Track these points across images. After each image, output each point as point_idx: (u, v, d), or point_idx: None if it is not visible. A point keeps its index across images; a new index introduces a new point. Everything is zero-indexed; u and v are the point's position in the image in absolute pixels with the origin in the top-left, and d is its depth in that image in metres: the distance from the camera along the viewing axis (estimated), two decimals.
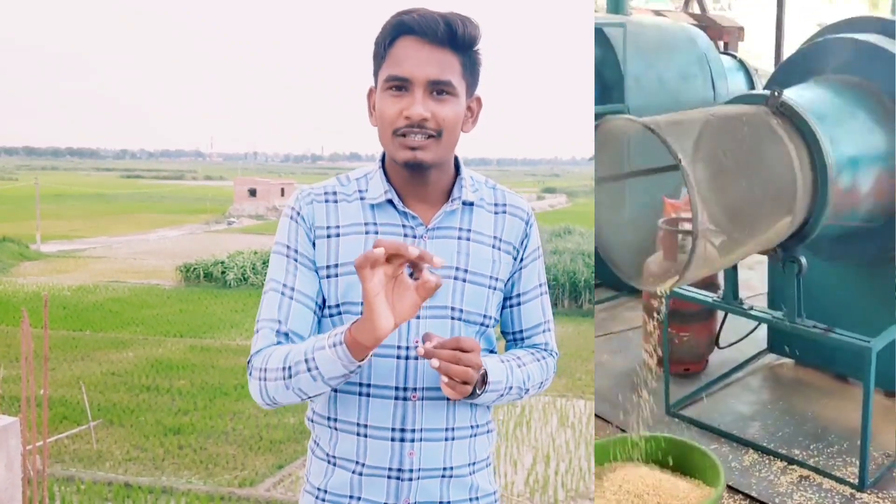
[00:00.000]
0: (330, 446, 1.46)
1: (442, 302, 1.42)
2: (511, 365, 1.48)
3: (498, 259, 1.48)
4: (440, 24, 1.37)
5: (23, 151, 65.85)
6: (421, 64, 1.37)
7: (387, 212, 1.45)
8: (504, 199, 1.52)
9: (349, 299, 1.42)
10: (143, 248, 31.10)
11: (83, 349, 15.52)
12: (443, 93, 1.39)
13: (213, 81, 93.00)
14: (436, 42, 1.38)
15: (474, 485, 1.49)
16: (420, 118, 1.37)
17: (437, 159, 1.41)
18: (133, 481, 9.21)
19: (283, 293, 1.42)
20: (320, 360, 1.30)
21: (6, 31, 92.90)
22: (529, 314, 1.55)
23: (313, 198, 1.47)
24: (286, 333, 1.41)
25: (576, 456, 10.13)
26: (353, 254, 1.41)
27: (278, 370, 1.35)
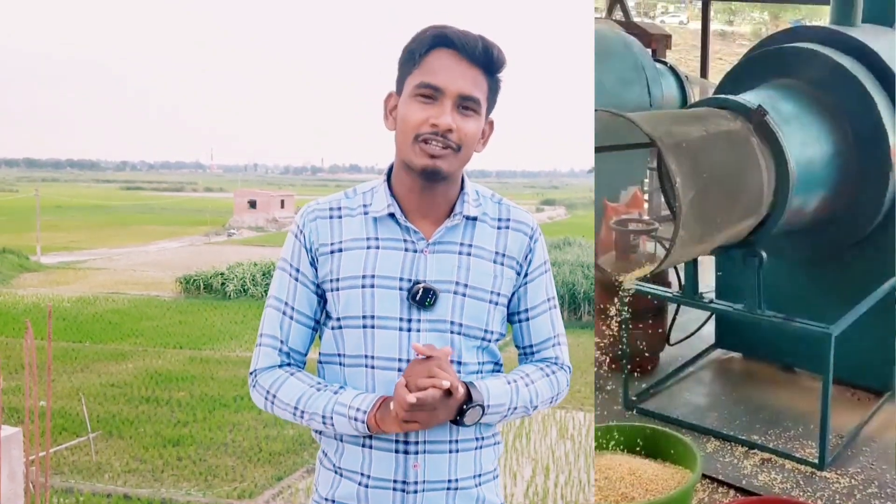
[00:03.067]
0: (336, 458, 1.49)
1: (441, 316, 1.44)
2: (517, 385, 1.49)
3: (500, 274, 1.50)
4: (479, 43, 1.43)
5: (23, 163, 66.00)
6: (455, 77, 1.42)
7: (388, 226, 1.47)
8: (508, 214, 1.54)
9: (349, 313, 1.46)
10: (144, 260, 31.11)
11: (83, 360, 15.50)
12: (468, 109, 1.43)
13: (213, 93, 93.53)
14: (472, 60, 1.43)
15: (480, 497, 1.50)
16: (447, 128, 1.41)
17: (451, 171, 1.44)
18: (132, 493, 9.20)
19: (283, 312, 1.49)
20: (338, 422, 1.42)
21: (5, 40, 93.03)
22: (538, 328, 1.56)
23: (317, 214, 1.50)
24: (287, 353, 1.50)
25: (575, 468, 10.13)
26: (353, 268, 1.45)
27: (290, 406, 1.45)
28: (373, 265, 1.45)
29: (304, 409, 1.44)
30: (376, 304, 1.44)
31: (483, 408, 1.42)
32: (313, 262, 1.49)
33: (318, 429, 1.48)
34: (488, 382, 1.45)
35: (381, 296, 1.44)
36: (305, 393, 1.45)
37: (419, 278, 1.44)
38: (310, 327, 1.51)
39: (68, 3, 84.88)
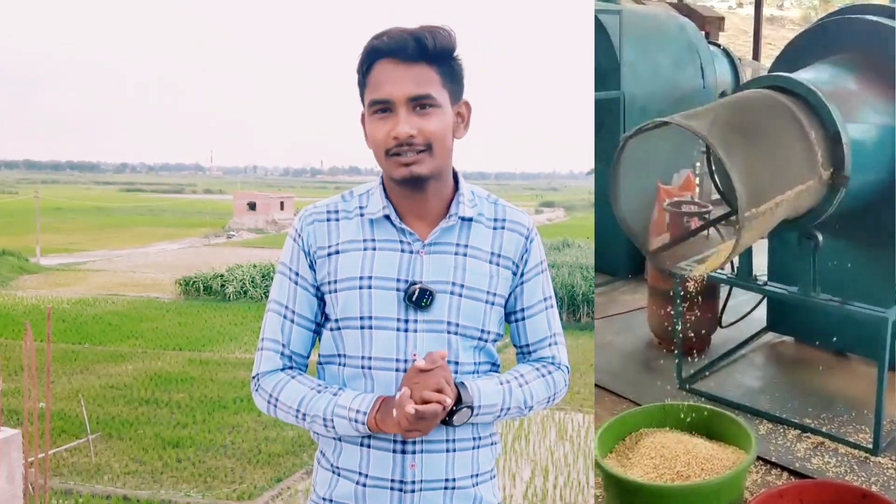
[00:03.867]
0: (334, 457, 1.50)
1: (438, 316, 1.45)
2: (510, 386, 1.49)
3: (496, 274, 1.50)
4: (409, 41, 1.41)
5: (23, 165, 66.05)
6: (398, 83, 1.41)
7: (384, 227, 1.48)
8: (504, 215, 1.54)
9: (347, 315, 1.47)
10: (143, 262, 31.11)
11: (82, 362, 15.50)
12: (425, 107, 1.42)
13: (212, 95, 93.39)
14: (408, 59, 1.41)
15: (478, 497, 1.50)
16: (407, 136, 1.40)
17: (433, 171, 1.44)
18: (132, 494, 9.19)
19: (284, 315, 1.51)
20: (338, 424, 1.42)
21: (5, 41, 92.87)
22: (535, 328, 1.57)
23: (315, 218, 1.51)
24: (289, 356, 1.51)
25: (574, 469, 10.13)
26: (351, 269, 1.46)
27: (292, 409, 1.46)
28: (370, 266, 1.46)
29: (306, 411, 1.45)
30: (374, 305, 1.45)
31: (472, 409, 1.43)
32: (312, 266, 1.50)
33: (320, 433, 1.48)
34: (480, 383, 1.46)
35: (379, 297, 1.45)
36: (307, 396, 1.46)
37: (415, 279, 1.45)
38: (311, 330, 1.52)
39: (68, 5, 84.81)
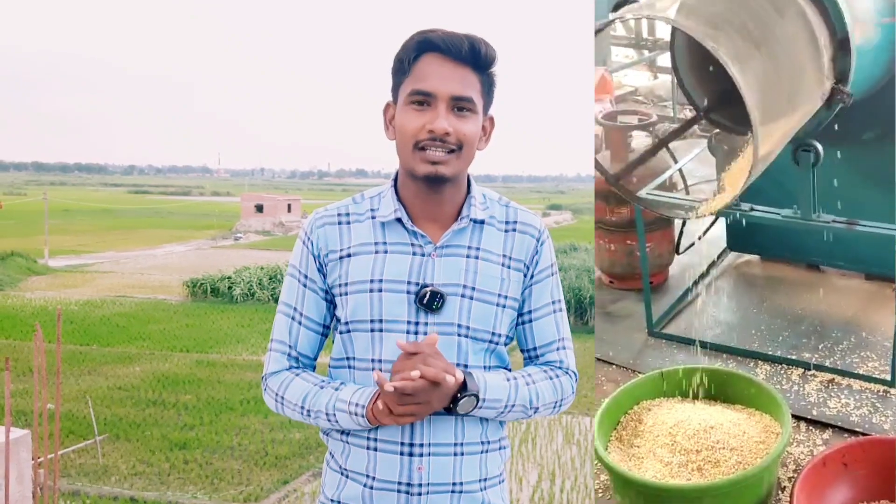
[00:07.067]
0: (343, 459, 1.50)
1: (449, 319, 1.45)
2: (517, 383, 1.48)
3: (507, 277, 1.50)
4: (465, 43, 1.43)
5: (31, 166, 66.35)
6: (445, 80, 1.42)
7: (396, 230, 1.48)
8: (515, 217, 1.54)
9: (357, 318, 1.47)
10: (150, 264, 31.22)
11: (90, 363, 15.56)
12: (464, 109, 1.44)
13: (220, 98, 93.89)
14: (459, 60, 1.43)
15: (486, 501, 1.50)
16: (443, 132, 1.41)
17: (455, 173, 1.45)
18: (139, 496, 9.21)
19: (293, 318, 1.52)
20: (340, 417, 1.44)
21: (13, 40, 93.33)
22: (542, 331, 1.56)
23: (325, 221, 1.52)
24: (296, 357, 1.52)
25: (581, 473, 10.11)
26: (362, 272, 1.46)
27: (297, 406, 1.48)
28: (381, 269, 1.46)
29: (310, 407, 1.46)
30: (384, 308, 1.45)
31: (477, 398, 1.42)
32: (321, 269, 1.50)
33: (325, 427, 1.50)
34: (487, 376, 1.45)
35: (389, 300, 1.45)
36: (310, 392, 1.47)
37: (427, 282, 1.45)
38: (318, 332, 1.53)
39: (77, 8, 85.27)
